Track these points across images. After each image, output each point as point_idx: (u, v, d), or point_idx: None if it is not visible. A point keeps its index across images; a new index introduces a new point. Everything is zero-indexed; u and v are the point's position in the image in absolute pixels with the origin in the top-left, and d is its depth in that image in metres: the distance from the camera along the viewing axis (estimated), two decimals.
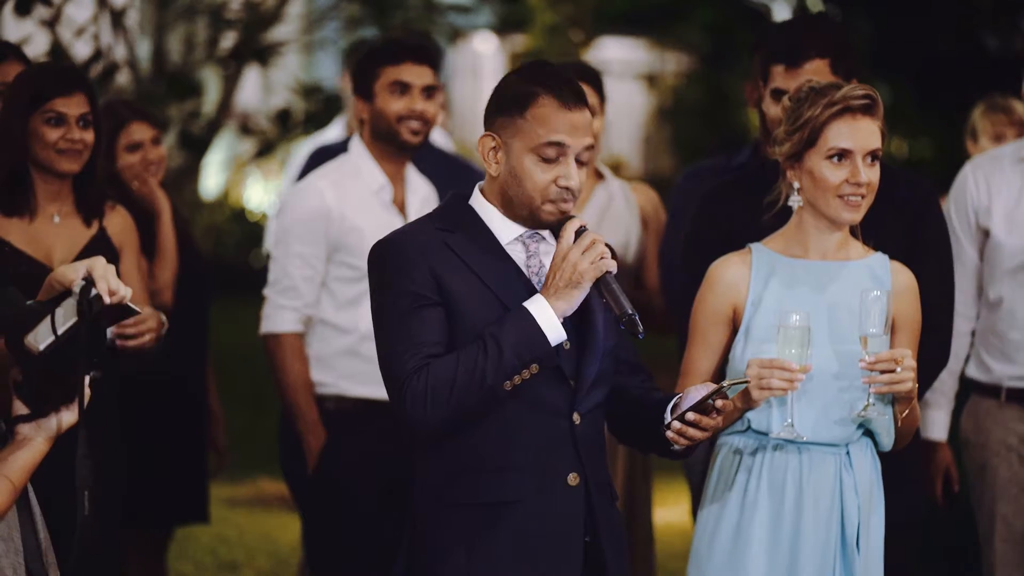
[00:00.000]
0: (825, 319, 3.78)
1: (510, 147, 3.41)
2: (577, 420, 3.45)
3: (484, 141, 3.45)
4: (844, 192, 3.78)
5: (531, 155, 3.39)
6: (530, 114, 3.39)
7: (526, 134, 3.39)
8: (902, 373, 3.67)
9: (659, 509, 6.27)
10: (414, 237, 3.43)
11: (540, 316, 3.34)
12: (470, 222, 3.47)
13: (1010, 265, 4.77)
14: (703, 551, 3.83)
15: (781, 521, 3.76)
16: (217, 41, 8.69)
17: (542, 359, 3.35)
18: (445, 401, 3.30)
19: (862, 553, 3.77)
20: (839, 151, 3.78)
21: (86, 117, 4.40)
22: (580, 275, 3.35)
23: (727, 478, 3.83)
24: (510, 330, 3.32)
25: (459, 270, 3.39)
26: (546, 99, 3.39)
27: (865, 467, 3.82)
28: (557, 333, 3.35)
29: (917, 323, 3.91)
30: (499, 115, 3.44)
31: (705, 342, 3.88)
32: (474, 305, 3.38)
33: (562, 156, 3.39)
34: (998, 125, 5.99)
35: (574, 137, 3.39)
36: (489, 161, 3.45)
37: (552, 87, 3.40)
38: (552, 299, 3.35)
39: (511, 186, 3.42)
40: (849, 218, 3.81)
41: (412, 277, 3.37)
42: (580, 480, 3.44)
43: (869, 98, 3.78)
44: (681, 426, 3.38)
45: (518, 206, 3.43)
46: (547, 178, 3.39)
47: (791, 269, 3.86)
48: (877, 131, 3.79)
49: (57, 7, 7.11)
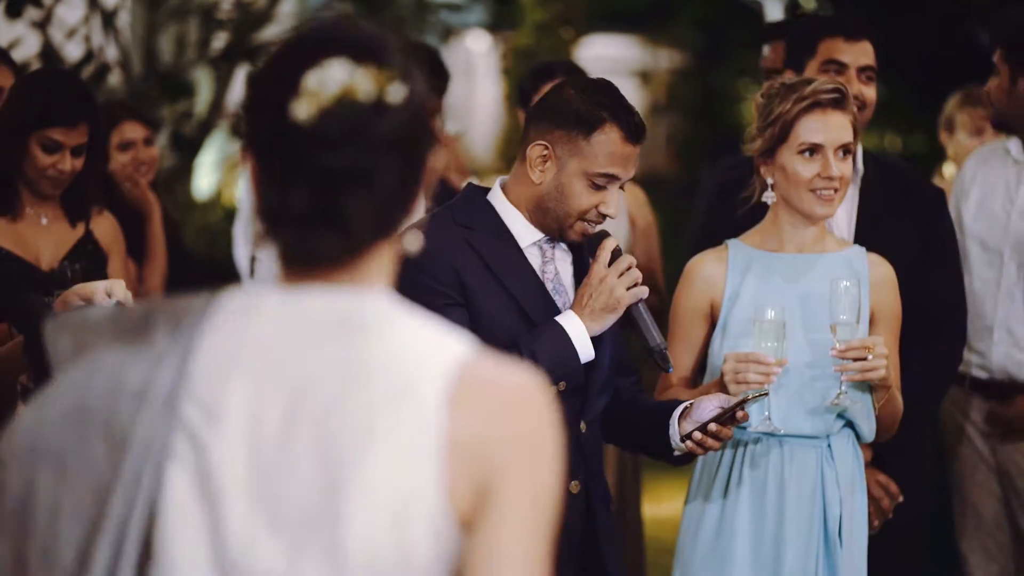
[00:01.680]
0: (799, 310, 3.81)
1: (564, 163, 3.41)
2: (584, 428, 3.47)
3: (535, 148, 3.43)
4: (816, 187, 3.80)
5: (584, 179, 3.40)
6: (595, 139, 3.39)
7: (585, 157, 3.39)
8: (874, 360, 3.69)
9: (650, 504, 6.30)
10: (435, 234, 3.40)
11: (575, 335, 3.37)
12: (490, 221, 3.46)
13: (974, 251, 4.81)
14: (687, 545, 3.85)
15: (764, 514, 3.78)
16: (209, 41, 8.69)
17: (572, 376, 3.38)
18: None
19: (845, 545, 3.78)
20: (810, 146, 3.80)
21: (82, 147, 4.37)
22: (617, 300, 3.39)
23: (710, 472, 3.86)
24: (545, 345, 3.35)
25: (480, 270, 3.40)
26: (612, 129, 3.40)
27: (847, 459, 3.83)
28: (588, 352, 3.39)
29: (896, 314, 3.93)
30: (558, 128, 3.42)
31: (685, 338, 3.91)
32: (493, 307, 3.38)
33: (611, 185, 3.41)
34: (977, 119, 5.99)
35: (627, 171, 3.42)
36: (535, 168, 3.43)
37: (621, 118, 3.40)
38: (587, 320, 3.38)
39: (552, 198, 3.43)
40: (822, 212, 3.83)
41: (435, 275, 3.36)
42: (581, 487, 3.46)
43: (839, 92, 3.80)
44: (702, 437, 3.43)
45: (552, 219, 3.44)
46: (592, 202, 3.41)
47: (767, 263, 3.88)
48: (848, 125, 3.81)
49: (48, 8, 7.12)
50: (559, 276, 3.50)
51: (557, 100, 3.45)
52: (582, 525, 3.47)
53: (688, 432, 3.45)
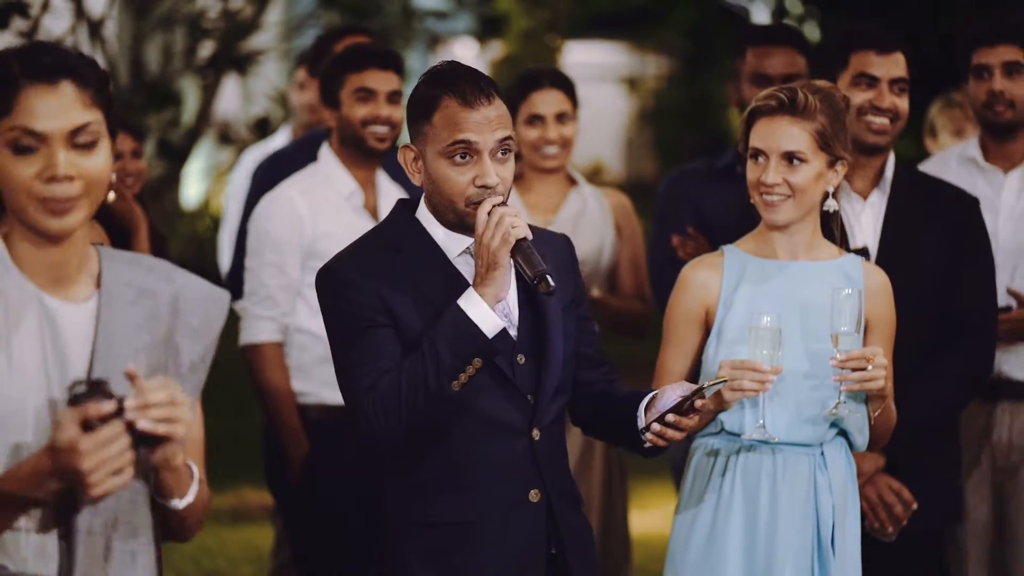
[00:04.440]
0: (796, 319, 3.80)
1: (425, 155, 3.38)
2: (537, 436, 3.42)
3: (404, 152, 3.42)
4: (760, 191, 3.82)
5: (443, 159, 3.35)
6: (436, 118, 3.35)
7: (435, 139, 3.35)
8: (873, 371, 3.69)
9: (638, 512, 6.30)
10: (359, 260, 3.38)
11: (471, 309, 3.28)
12: (416, 237, 3.42)
13: None
14: (678, 553, 3.84)
15: (756, 522, 3.77)
16: (195, 50, 8.70)
17: (481, 352, 3.29)
18: (395, 412, 3.26)
19: (838, 553, 3.78)
20: (754, 151, 3.84)
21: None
22: (494, 254, 3.29)
23: (702, 480, 3.85)
24: (443, 329, 3.28)
25: (408, 292, 3.35)
26: (448, 100, 3.34)
27: (840, 467, 3.83)
28: (491, 323, 3.29)
29: (891, 323, 3.93)
30: (412, 124, 3.41)
31: (679, 344, 3.90)
32: (424, 324, 3.33)
33: (475, 155, 3.34)
34: (957, 120, 6.04)
35: (481, 134, 3.34)
36: (412, 172, 3.41)
37: (452, 87, 3.35)
38: (480, 288, 3.30)
39: (433, 194, 3.39)
40: (769, 219, 3.84)
41: (359, 302, 3.33)
42: (542, 495, 3.42)
43: (777, 99, 3.81)
44: (661, 428, 3.36)
45: (445, 212, 3.38)
46: (464, 180, 3.34)
47: (762, 269, 3.88)
48: (800, 132, 3.80)
49: (35, 19, 7.11)
50: None
51: (409, 100, 3.45)
52: (544, 532, 3.43)
53: (648, 423, 3.39)
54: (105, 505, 2.64)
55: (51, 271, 2.69)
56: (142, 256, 2.82)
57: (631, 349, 5.78)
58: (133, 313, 2.71)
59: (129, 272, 2.75)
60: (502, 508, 3.38)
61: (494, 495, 3.38)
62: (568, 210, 5.29)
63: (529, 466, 3.41)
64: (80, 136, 2.67)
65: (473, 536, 3.37)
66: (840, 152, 3.84)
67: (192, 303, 2.78)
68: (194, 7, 8.85)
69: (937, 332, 4.27)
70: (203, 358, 2.79)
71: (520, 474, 3.41)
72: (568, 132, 5.20)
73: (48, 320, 2.67)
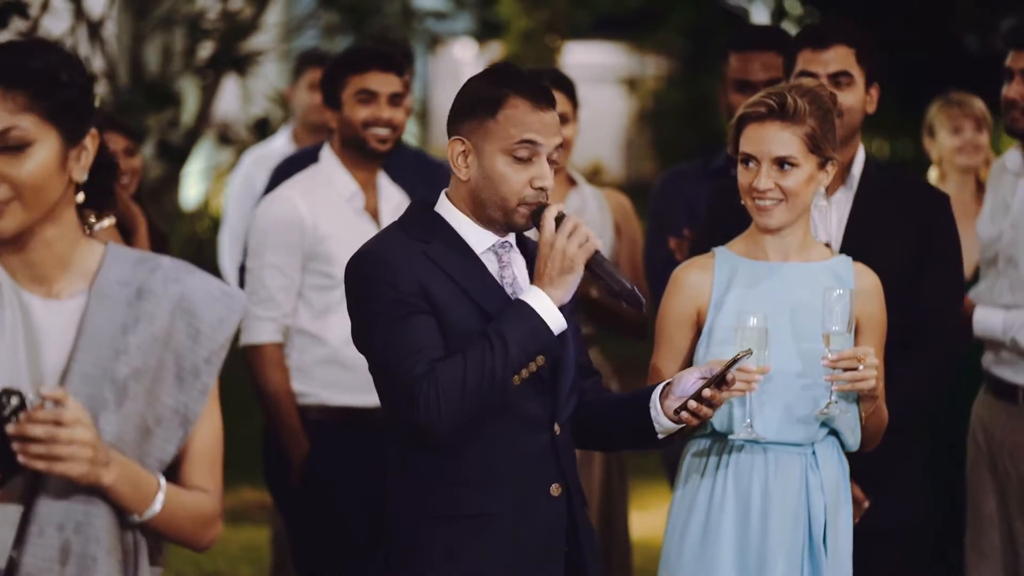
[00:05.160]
0: (787, 319, 3.81)
1: (481, 150, 3.41)
2: (558, 430, 3.47)
3: (453, 146, 3.45)
4: (752, 196, 3.83)
5: (504, 156, 3.39)
6: (501, 115, 3.39)
7: (498, 136, 3.39)
8: (865, 371, 3.70)
9: (638, 513, 6.31)
10: (393, 246, 3.41)
11: (540, 307, 3.35)
12: (442, 231, 3.45)
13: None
14: (672, 552, 3.85)
15: (748, 522, 3.79)
16: (195, 51, 8.69)
17: (546, 349, 3.36)
18: (457, 403, 3.28)
19: (830, 553, 3.79)
20: (744, 156, 3.84)
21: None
22: (571, 260, 3.36)
23: (695, 480, 3.86)
24: (513, 325, 3.33)
25: (441, 280, 3.38)
26: (517, 100, 3.40)
27: (831, 467, 3.84)
28: (558, 322, 3.37)
29: (882, 324, 3.94)
30: (468, 119, 3.44)
31: (671, 346, 3.91)
32: (459, 315, 3.37)
33: (535, 156, 3.40)
34: (955, 118, 6.03)
35: (546, 136, 3.40)
36: (459, 166, 3.44)
37: (522, 88, 3.41)
38: (548, 288, 3.36)
39: (484, 189, 3.42)
40: (762, 223, 3.85)
41: (398, 287, 3.35)
42: (563, 490, 3.47)
43: (766, 105, 3.81)
44: (696, 405, 3.42)
45: (492, 209, 3.42)
46: (522, 179, 3.39)
47: (753, 271, 3.89)
48: (791, 137, 3.80)
49: (34, 19, 7.11)
50: (517, 280, 3.49)
51: (462, 95, 3.48)
52: (564, 528, 3.47)
53: (676, 408, 3.44)
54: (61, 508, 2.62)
55: (27, 269, 2.68)
56: (153, 256, 2.78)
57: (631, 349, 5.79)
58: (124, 313, 2.68)
59: (130, 271, 2.72)
60: (524, 502, 3.41)
61: (518, 488, 3.41)
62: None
63: (551, 460, 3.45)
64: (2, 140, 2.61)
65: (492, 529, 3.39)
66: (830, 153, 3.85)
67: (200, 304, 2.74)
68: (194, 8, 8.84)
69: (902, 332, 4.22)
70: (209, 360, 2.77)
71: (543, 468, 3.45)
72: (568, 133, 5.21)
73: (24, 316, 2.66)
